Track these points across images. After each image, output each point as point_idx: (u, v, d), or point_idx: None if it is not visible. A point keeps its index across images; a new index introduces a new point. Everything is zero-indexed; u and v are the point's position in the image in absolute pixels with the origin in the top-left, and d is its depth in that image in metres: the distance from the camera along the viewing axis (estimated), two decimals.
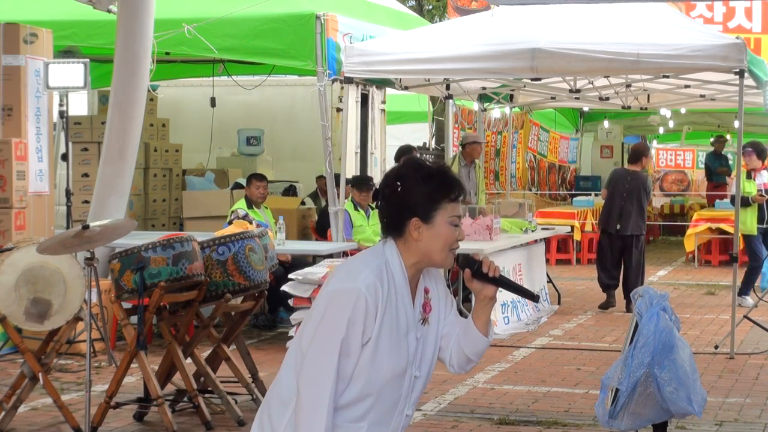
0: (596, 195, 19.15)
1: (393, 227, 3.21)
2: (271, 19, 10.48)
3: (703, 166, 22.36)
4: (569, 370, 8.85)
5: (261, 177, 11.01)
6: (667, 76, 11.76)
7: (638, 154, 12.45)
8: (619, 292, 12.32)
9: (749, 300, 12.06)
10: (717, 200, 18.95)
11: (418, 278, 3.27)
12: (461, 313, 10.89)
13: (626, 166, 12.77)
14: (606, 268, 12.36)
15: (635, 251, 12.16)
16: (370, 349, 3.11)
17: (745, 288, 12.29)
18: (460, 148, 13.24)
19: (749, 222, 12.22)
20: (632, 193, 12.17)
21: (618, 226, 12.18)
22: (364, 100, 11.85)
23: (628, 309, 12.13)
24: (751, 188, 12.27)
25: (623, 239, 12.18)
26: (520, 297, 11.26)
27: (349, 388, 3.14)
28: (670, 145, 27.05)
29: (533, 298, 3.42)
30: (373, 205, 11.55)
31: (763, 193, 12.34)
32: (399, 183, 3.19)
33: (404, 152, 12.32)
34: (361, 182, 11.16)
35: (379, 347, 3.12)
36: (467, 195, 12.91)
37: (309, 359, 3.10)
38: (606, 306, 12.26)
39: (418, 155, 12.32)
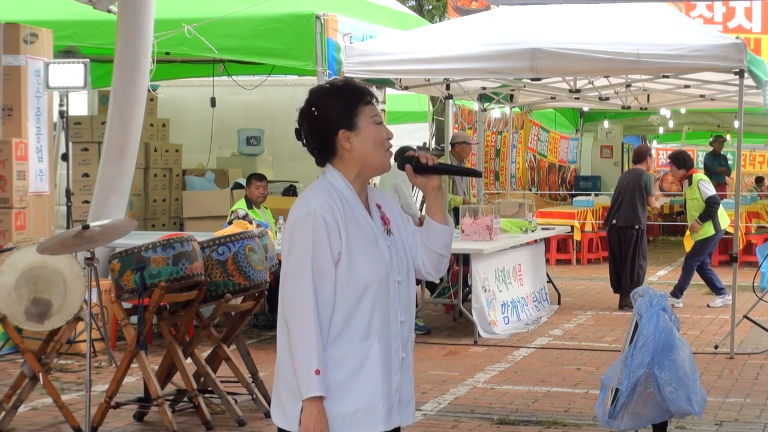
0: (596, 195, 19.15)
1: (325, 151, 3.35)
2: (271, 19, 10.48)
3: (702, 166, 22.36)
4: (569, 370, 8.85)
5: (261, 177, 11.01)
6: (667, 76, 11.76)
7: (642, 154, 12.80)
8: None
9: (680, 302, 12.44)
10: None
11: (366, 194, 3.40)
12: (461, 314, 10.77)
13: (631, 166, 13.03)
14: (611, 265, 12.50)
15: (624, 243, 12.32)
16: (344, 262, 3.23)
17: (682, 289, 12.55)
18: (450, 148, 13.26)
19: (706, 226, 12.34)
20: (627, 187, 12.45)
21: (614, 221, 12.38)
22: None
23: (620, 306, 12.24)
24: (693, 194, 12.48)
25: (619, 233, 12.35)
26: (519, 297, 11.31)
27: (338, 308, 3.23)
28: (670, 145, 27.04)
29: (476, 174, 3.60)
30: None
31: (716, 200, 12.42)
32: (314, 108, 3.32)
33: (404, 152, 12.28)
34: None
35: (354, 258, 3.24)
36: (461, 192, 12.89)
37: (287, 290, 3.22)
38: (621, 306, 12.33)
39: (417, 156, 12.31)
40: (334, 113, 3.31)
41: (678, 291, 12.58)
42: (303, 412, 3.18)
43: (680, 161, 12.73)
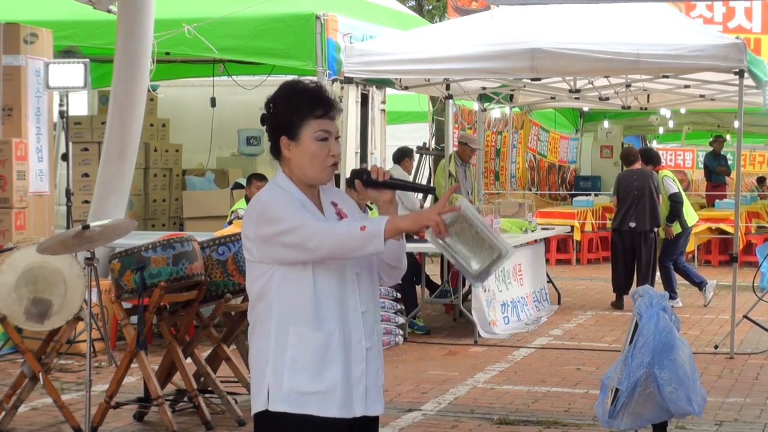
0: (596, 195, 19.15)
1: (273, 150, 3.39)
2: (271, 19, 10.48)
3: (702, 166, 22.36)
4: (569, 370, 8.85)
5: (261, 177, 11.01)
6: (667, 76, 11.76)
7: (636, 155, 12.72)
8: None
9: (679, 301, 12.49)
10: (717, 200, 18.96)
11: (317, 194, 3.42)
12: (461, 314, 10.78)
13: (626, 168, 12.88)
14: (618, 268, 12.44)
15: (644, 248, 12.33)
16: None
17: (672, 289, 12.55)
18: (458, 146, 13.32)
19: (674, 225, 12.52)
20: (641, 189, 12.40)
21: (632, 224, 12.32)
22: (364, 100, 11.85)
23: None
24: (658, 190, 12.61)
25: (633, 236, 12.33)
26: (519, 297, 11.31)
27: (300, 295, 3.28)
28: (670, 145, 27.03)
29: (428, 190, 3.60)
30: (371, 205, 11.57)
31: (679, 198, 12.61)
32: (271, 105, 3.35)
33: (404, 153, 12.31)
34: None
35: None
36: (465, 191, 12.89)
37: (296, 240, 3.21)
38: (618, 305, 12.32)
39: (417, 157, 12.35)
40: (282, 118, 3.34)
41: (671, 293, 12.59)
42: (396, 230, 3.20)
43: (648, 157, 12.87)
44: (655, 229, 12.47)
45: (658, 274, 12.62)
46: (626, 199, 12.46)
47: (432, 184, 12.58)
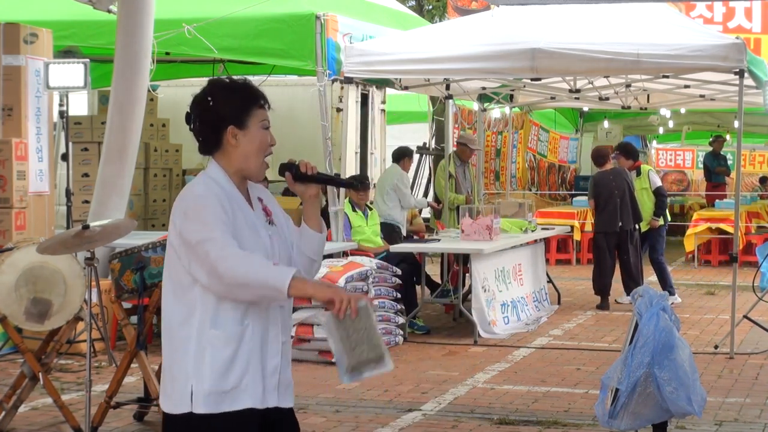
0: None
1: (211, 142, 3.42)
2: (271, 19, 10.48)
3: (702, 166, 22.37)
4: (569, 370, 8.85)
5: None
6: (667, 76, 11.77)
7: (603, 157, 12.60)
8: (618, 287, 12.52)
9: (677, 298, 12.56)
10: (717, 200, 18.96)
11: (246, 188, 3.49)
12: (461, 314, 10.77)
13: (598, 169, 12.74)
14: (606, 269, 12.41)
15: (631, 247, 12.37)
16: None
17: (669, 285, 12.67)
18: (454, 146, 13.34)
19: (648, 218, 12.68)
20: (622, 189, 12.35)
21: (620, 223, 12.30)
22: (364, 100, 11.86)
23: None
24: (643, 184, 12.75)
25: (620, 236, 12.32)
26: (519, 297, 11.31)
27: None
28: (670, 145, 27.04)
29: (351, 185, 3.82)
30: (371, 205, 11.57)
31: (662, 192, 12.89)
32: (210, 98, 3.41)
33: (403, 153, 12.33)
34: (357, 182, 11.17)
35: (239, 243, 3.28)
36: (465, 191, 12.91)
37: (211, 254, 3.22)
38: (606, 306, 12.31)
39: (417, 157, 12.38)
40: (229, 109, 3.39)
41: (669, 289, 12.65)
42: (299, 292, 3.23)
43: (628, 152, 12.91)
44: (638, 225, 12.51)
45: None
46: (610, 200, 12.34)
47: (431, 184, 12.56)
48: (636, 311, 5.63)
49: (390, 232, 11.58)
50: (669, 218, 13.01)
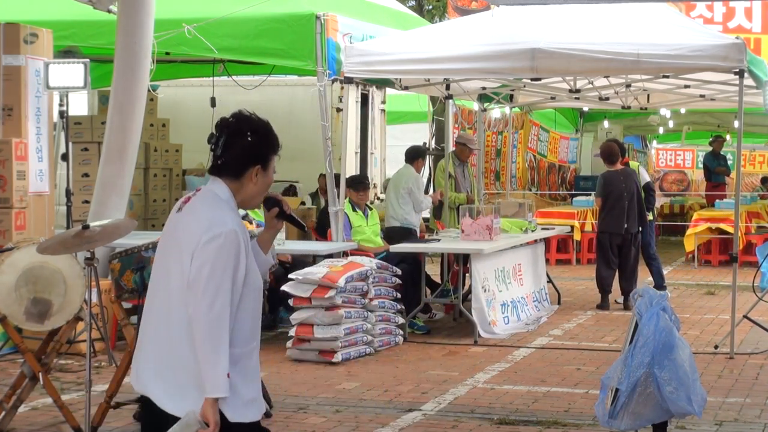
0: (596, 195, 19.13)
1: (234, 171, 3.68)
2: (271, 19, 10.48)
3: (702, 166, 22.37)
4: (569, 370, 8.85)
5: None
6: (667, 76, 11.76)
7: (615, 156, 12.54)
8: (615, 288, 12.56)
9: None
10: (717, 200, 18.95)
11: None
12: (461, 313, 10.72)
13: (608, 168, 12.68)
14: (610, 270, 12.42)
15: (633, 248, 12.37)
16: (248, 272, 3.65)
17: (661, 275, 12.89)
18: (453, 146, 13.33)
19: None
20: (631, 191, 12.34)
21: (626, 226, 12.29)
22: (364, 100, 11.88)
23: (627, 306, 12.23)
24: None
25: (624, 238, 12.32)
26: (519, 297, 11.32)
27: (244, 314, 3.63)
28: (670, 145, 27.04)
29: (302, 227, 4.15)
30: (371, 205, 11.56)
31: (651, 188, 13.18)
32: (250, 134, 3.67)
33: (417, 153, 12.22)
34: (357, 182, 11.16)
35: (250, 268, 3.66)
36: (464, 190, 12.91)
37: (206, 301, 3.51)
38: (606, 306, 12.31)
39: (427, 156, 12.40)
40: (263, 150, 3.71)
41: (659, 280, 12.84)
42: (210, 408, 3.50)
43: (620, 148, 12.96)
44: (642, 227, 12.54)
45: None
46: (618, 202, 12.31)
47: (432, 184, 12.54)
48: (636, 311, 5.64)
49: (406, 236, 11.46)
50: (655, 214, 13.17)
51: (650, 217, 12.94)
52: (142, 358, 3.71)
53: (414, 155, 12.08)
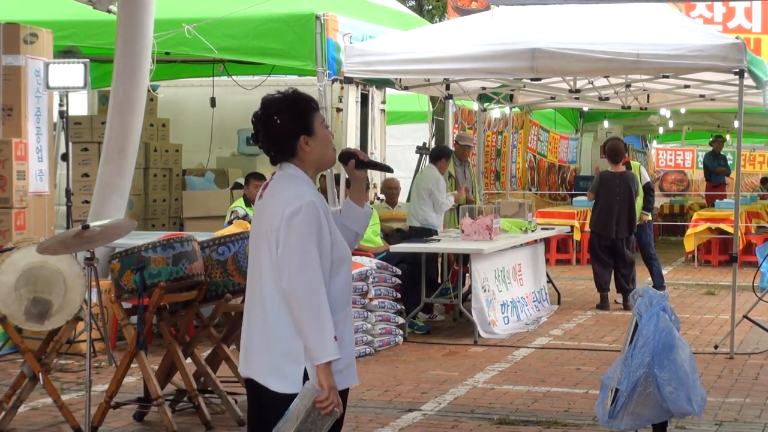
0: None
1: (286, 152, 3.85)
2: (271, 19, 10.48)
3: (702, 166, 22.37)
4: (569, 370, 8.85)
5: (260, 177, 11.00)
6: (667, 76, 11.76)
7: (620, 155, 12.52)
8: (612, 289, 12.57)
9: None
10: (717, 200, 18.95)
11: None
12: (461, 313, 10.71)
13: (610, 167, 12.67)
14: (604, 267, 12.42)
15: (627, 251, 12.37)
16: (333, 242, 3.78)
17: (660, 275, 12.90)
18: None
19: (638, 211, 12.76)
20: (624, 196, 12.32)
21: (615, 230, 12.29)
22: (364, 100, 11.87)
23: (627, 306, 12.23)
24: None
25: (613, 240, 12.33)
26: (519, 297, 11.32)
27: (336, 280, 3.78)
28: (670, 145, 27.04)
29: (388, 169, 4.43)
30: (371, 205, 11.55)
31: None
32: (276, 117, 3.82)
33: (440, 153, 12.24)
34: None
35: (336, 239, 3.81)
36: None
37: (294, 270, 3.67)
38: (606, 306, 12.32)
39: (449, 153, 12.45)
40: (296, 121, 3.82)
41: (659, 280, 12.77)
42: (322, 373, 3.66)
43: (615, 155, 12.88)
44: (636, 230, 12.57)
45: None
46: (609, 206, 12.29)
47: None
48: (636, 311, 5.64)
49: (425, 236, 11.46)
50: (654, 214, 13.28)
51: (649, 217, 12.95)
52: (247, 345, 3.88)
53: (437, 156, 12.13)
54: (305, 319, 3.66)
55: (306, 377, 3.70)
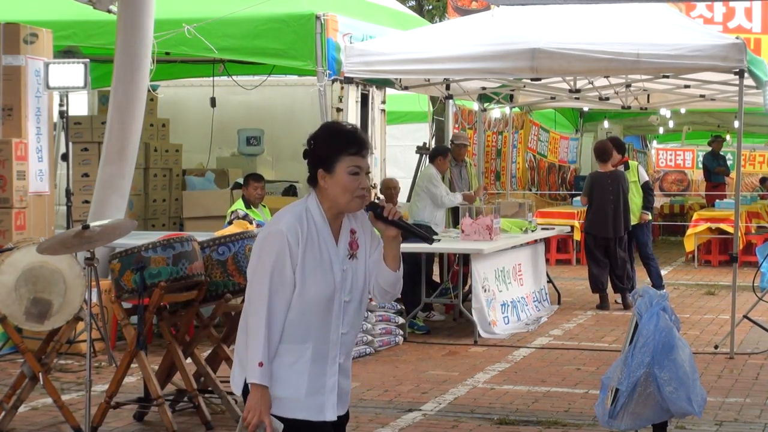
0: None
1: (311, 179, 3.86)
2: (271, 19, 10.48)
3: (702, 166, 22.37)
4: (569, 370, 8.85)
5: (259, 177, 10.99)
6: (667, 76, 11.76)
7: (607, 154, 12.53)
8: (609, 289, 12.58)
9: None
10: (717, 200, 18.96)
11: (341, 221, 3.88)
12: (461, 313, 10.74)
13: (599, 167, 12.69)
14: (600, 268, 12.41)
15: (620, 250, 12.40)
16: (298, 279, 3.76)
17: (659, 276, 12.86)
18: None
19: (637, 212, 12.78)
20: (617, 195, 12.33)
21: (612, 229, 12.28)
22: (364, 100, 11.86)
23: (626, 305, 12.25)
24: (633, 177, 12.86)
25: (608, 241, 12.34)
26: (519, 297, 11.32)
27: (290, 312, 3.76)
28: (670, 145, 27.04)
29: (428, 240, 4.04)
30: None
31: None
32: (312, 142, 3.84)
33: (436, 152, 12.35)
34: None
35: (305, 276, 3.76)
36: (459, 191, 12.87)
37: (250, 293, 3.78)
38: (606, 306, 12.32)
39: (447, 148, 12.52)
40: (321, 153, 3.81)
41: (657, 280, 12.75)
42: (249, 394, 3.74)
43: (619, 146, 13.04)
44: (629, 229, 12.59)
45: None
46: (603, 206, 12.30)
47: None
48: (636, 311, 5.64)
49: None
50: (654, 214, 13.34)
51: (649, 216, 12.97)
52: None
53: (433, 154, 12.34)
54: (246, 336, 3.79)
55: (246, 386, 3.79)
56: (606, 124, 21.12)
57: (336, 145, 3.79)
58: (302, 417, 3.78)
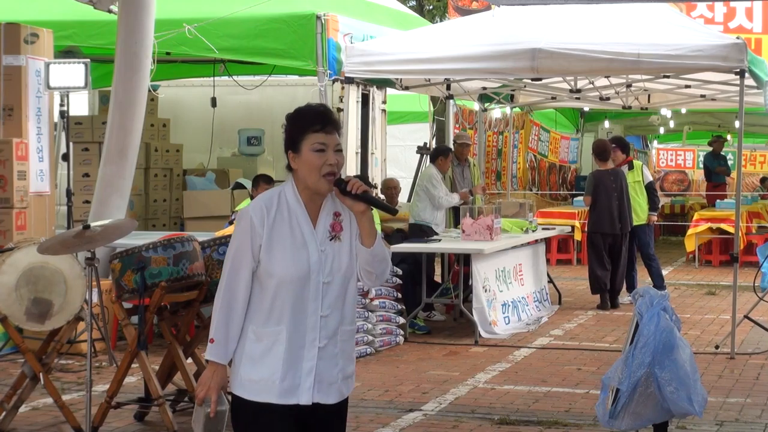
0: None
1: (287, 163, 3.86)
2: (272, 19, 10.48)
3: (702, 166, 22.37)
4: (570, 370, 8.85)
5: (269, 179, 10.94)
6: (668, 76, 11.76)
7: (607, 153, 12.59)
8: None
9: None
10: (717, 200, 18.95)
11: (320, 203, 3.83)
12: (461, 313, 10.72)
13: (599, 166, 12.71)
14: (604, 269, 12.39)
15: (624, 248, 12.42)
16: (264, 258, 3.75)
17: (660, 277, 12.88)
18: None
19: (641, 212, 12.80)
20: (621, 192, 12.37)
21: (619, 226, 12.30)
22: (365, 100, 11.85)
23: (614, 305, 12.29)
24: (636, 177, 12.89)
25: (615, 238, 12.33)
26: (520, 297, 11.32)
27: (263, 296, 3.77)
28: (671, 145, 27.03)
29: (391, 211, 4.17)
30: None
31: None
32: (283, 126, 3.86)
33: (437, 152, 12.36)
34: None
35: (272, 255, 3.75)
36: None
37: (223, 271, 3.82)
38: (607, 306, 12.32)
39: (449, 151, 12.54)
40: (288, 135, 3.83)
41: (659, 280, 12.75)
42: (204, 376, 3.80)
43: (624, 145, 13.08)
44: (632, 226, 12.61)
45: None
46: (608, 202, 12.32)
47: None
48: (637, 311, 5.64)
49: (416, 231, 11.52)
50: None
51: (655, 217, 13.00)
52: None
53: (434, 154, 12.36)
54: (215, 310, 3.83)
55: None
56: (606, 124, 21.12)
57: (300, 125, 3.79)
58: (272, 401, 3.75)
